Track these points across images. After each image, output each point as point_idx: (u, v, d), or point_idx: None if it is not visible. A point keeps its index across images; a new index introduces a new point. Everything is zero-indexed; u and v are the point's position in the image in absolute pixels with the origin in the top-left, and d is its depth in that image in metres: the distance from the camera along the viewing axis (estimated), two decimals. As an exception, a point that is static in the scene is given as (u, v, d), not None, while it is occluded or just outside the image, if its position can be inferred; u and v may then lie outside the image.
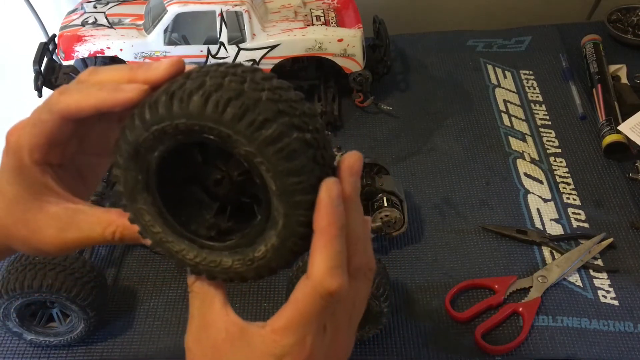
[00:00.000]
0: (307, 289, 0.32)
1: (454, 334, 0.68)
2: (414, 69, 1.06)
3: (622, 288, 0.72)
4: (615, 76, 0.99)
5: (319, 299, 0.32)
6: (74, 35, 0.89)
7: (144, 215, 0.34)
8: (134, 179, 0.34)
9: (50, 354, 0.68)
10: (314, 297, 0.32)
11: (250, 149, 0.30)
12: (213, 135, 0.30)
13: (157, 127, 0.31)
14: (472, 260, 0.76)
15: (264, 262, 0.34)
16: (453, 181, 0.86)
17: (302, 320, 0.33)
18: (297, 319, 0.33)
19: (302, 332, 0.33)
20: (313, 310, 0.33)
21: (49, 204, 0.37)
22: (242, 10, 0.86)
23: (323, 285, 0.32)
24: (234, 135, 0.30)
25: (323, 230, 0.31)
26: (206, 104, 0.30)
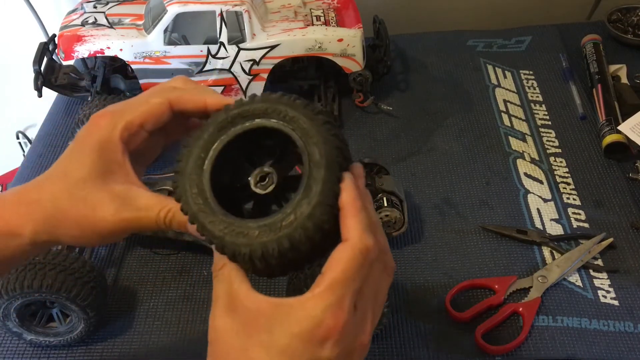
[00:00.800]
0: (346, 249, 0.36)
1: (454, 334, 0.68)
2: (414, 69, 1.06)
3: (622, 288, 0.72)
4: (615, 76, 0.99)
5: (359, 255, 0.35)
6: (74, 35, 0.89)
7: (193, 187, 0.39)
8: (196, 155, 0.39)
9: (50, 354, 0.68)
10: (353, 254, 0.35)
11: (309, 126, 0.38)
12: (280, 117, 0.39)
13: (237, 110, 0.39)
14: (472, 260, 0.76)
15: (289, 231, 0.36)
16: (453, 181, 0.86)
17: (343, 278, 0.35)
18: (338, 278, 0.35)
19: (342, 292, 0.35)
20: (353, 267, 0.35)
21: (114, 183, 0.41)
22: (242, 10, 0.86)
23: (361, 241, 0.36)
24: (299, 115, 0.38)
25: (352, 203, 0.36)
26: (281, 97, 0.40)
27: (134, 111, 0.42)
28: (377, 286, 0.39)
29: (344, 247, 0.36)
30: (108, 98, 0.84)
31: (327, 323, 0.35)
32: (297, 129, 0.38)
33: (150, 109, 0.42)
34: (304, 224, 0.36)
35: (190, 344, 0.68)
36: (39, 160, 0.92)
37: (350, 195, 0.37)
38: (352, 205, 0.36)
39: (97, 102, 0.84)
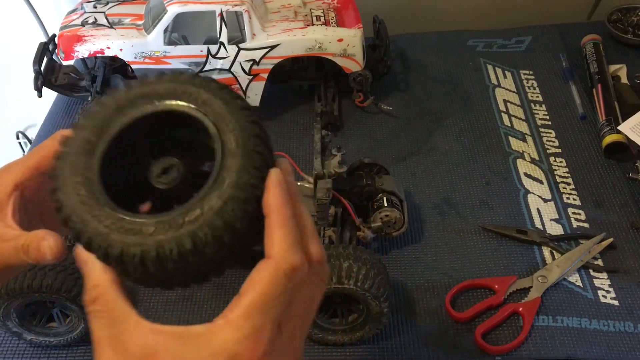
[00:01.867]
0: (268, 268, 0.31)
1: (454, 334, 0.68)
2: (414, 69, 1.06)
3: (622, 288, 0.72)
4: (615, 76, 0.99)
5: (282, 277, 0.31)
6: (74, 35, 0.89)
7: (76, 175, 0.33)
8: (84, 139, 0.34)
9: (50, 354, 0.68)
10: (276, 276, 0.31)
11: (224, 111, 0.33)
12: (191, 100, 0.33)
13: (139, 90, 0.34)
14: (472, 260, 0.75)
15: (192, 228, 0.30)
16: (453, 181, 0.86)
17: (261, 304, 0.30)
18: (256, 304, 0.30)
19: (261, 321, 0.30)
20: (275, 291, 0.31)
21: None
22: (242, 10, 0.86)
23: (286, 261, 0.31)
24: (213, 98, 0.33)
25: (278, 210, 0.31)
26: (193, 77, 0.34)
27: (28, 157, 0.41)
28: (309, 301, 0.34)
29: (266, 266, 0.31)
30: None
31: (246, 357, 0.30)
32: (210, 113, 0.33)
33: (42, 151, 0.41)
34: (212, 221, 0.30)
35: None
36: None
37: (277, 200, 0.32)
38: (278, 212, 0.31)
39: (97, 102, 0.83)
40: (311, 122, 0.96)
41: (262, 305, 0.30)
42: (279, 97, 0.99)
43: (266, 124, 1.01)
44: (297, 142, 0.93)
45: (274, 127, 0.96)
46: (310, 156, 0.88)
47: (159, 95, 0.34)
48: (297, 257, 0.31)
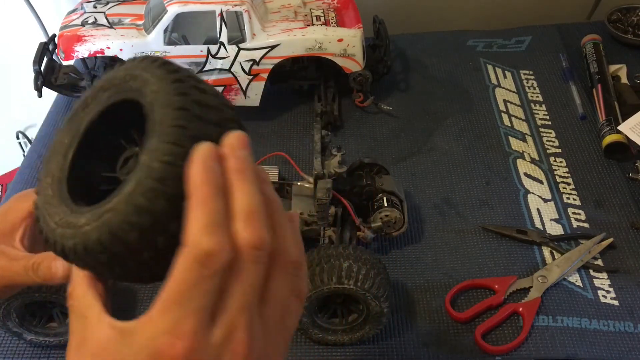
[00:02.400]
0: (182, 256, 0.28)
1: (454, 334, 0.68)
2: (414, 69, 1.06)
3: (622, 288, 0.72)
4: (615, 76, 0.99)
5: (196, 265, 0.28)
6: (74, 35, 0.89)
7: (48, 176, 0.34)
8: (59, 142, 0.34)
9: (50, 354, 0.68)
10: (190, 264, 0.28)
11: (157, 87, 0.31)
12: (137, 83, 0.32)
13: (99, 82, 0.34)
14: (472, 260, 0.75)
15: (109, 216, 0.29)
16: (453, 181, 0.86)
17: (177, 296, 0.28)
18: (172, 296, 0.28)
19: (178, 314, 0.28)
20: (190, 281, 0.28)
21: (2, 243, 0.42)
22: (242, 10, 0.86)
23: (198, 245, 0.28)
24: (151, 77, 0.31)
25: (196, 189, 0.28)
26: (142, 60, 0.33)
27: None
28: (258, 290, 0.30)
29: (181, 254, 0.28)
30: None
31: (165, 354, 0.28)
32: (149, 93, 0.31)
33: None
34: (123, 207, 0.29)
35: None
36: (39, 160, 0.92)
37: (193, 176, 0.28)
38: (193, 190, 0.28)
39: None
40: (311, 122, 0.96)
41: (178, 297, 0.28)
42: (279, 97, 0.99)
43: (266, 123, 1.02)
44: (297, 142, 0.93)
45: (274, 127, 0.96)
46: (310, 156, 0.88)
47: (114, 84, 0.33)
48: (212, 241, 0.28)
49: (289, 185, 0.76)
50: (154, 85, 0.31)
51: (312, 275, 0.61)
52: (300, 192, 0.75)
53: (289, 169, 0.82)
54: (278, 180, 0.77)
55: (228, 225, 0.29)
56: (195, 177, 0.28)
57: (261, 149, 0.91)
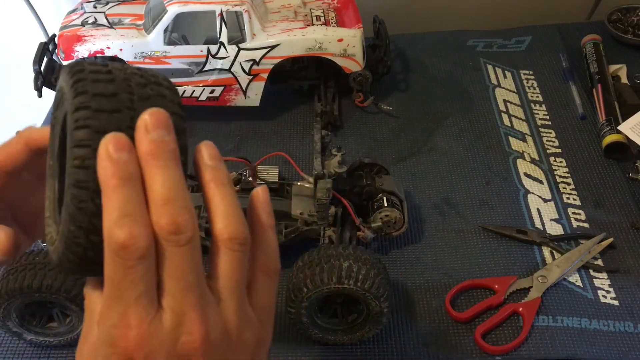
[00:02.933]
0: (105, 251, 0.29)
1: (454, 334, 0.68)
2: (414, 69, 1.06)
3: (622, 288, 0.72)
4: (615, 76, 0.99)
5: (115, 257, 0.28)
6: (74, 35, 0.89)
7: (46, 200, 0.35)
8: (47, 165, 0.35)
9: (50, 354, 0.68)
10: (110, 256, 0.29)
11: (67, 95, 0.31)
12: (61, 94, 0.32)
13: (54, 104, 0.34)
14: (472, 260, 0.75)
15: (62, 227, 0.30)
16: (453, 181, 0.86)
17: (113, 290, 0.29)
18: (109, 292, 0.30)
19: (121, 307, 0.29)
20: (117, 274, 0.29)
21: None
22: (242, 10, 0.86)
23: (112, 239, 0.28)
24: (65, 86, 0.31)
25: (104, 182, 0.28)
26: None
27: None
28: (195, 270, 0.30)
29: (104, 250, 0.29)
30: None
31: (120, 345, 0.30)
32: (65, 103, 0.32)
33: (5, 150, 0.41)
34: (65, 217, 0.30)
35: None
36: (39, 160, 0.92)
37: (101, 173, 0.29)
38: (103, 185, 0.29)
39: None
40: (311, 122, 0.96)
41: (114, 290, 0.29)
42: (279, 97, 0.99)
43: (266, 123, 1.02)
44: (297, 142, 0.93)
45: (274, 127, 0.96)
46: (310, 156, 0.88)
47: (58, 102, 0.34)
48: (123, 232, 0.28)
49: (289, 185, 0.76)
50: (67, 94, 0.31)
51: (312, 275, 0.61)
52: (300, 192, 0.75)
53: (289, 169, 0.82)
54: (278, 180, 0.77)
55: (143, 213, 0.29)
56: (102, 171, 0.28)
57: (261, 149, 0.91)
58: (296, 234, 0.72)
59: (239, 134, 0.95)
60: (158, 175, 0.29)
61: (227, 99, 0.92)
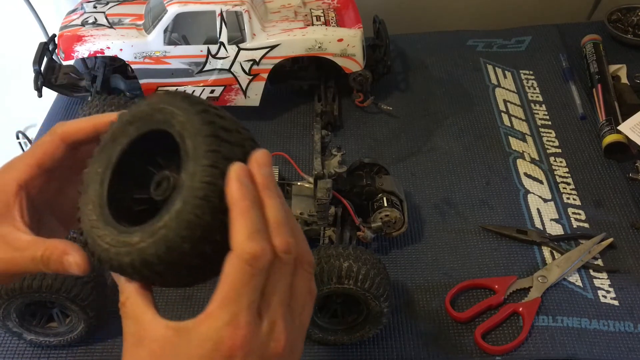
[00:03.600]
0: (232, 260, 0.33)
1: (454, 334, 0.68)
2: (414, 69, 1.06)
3: (622, 288, 0.72)
4: (615, 76, 0.99)
5: (245, 266, 0.33)
6: (74, 35, 0.89)
7: (89, 204, 0.37)
8: (94, 172, 0.38)
9: (50, 354, 0.68)
10: (239, 265, 0.33)
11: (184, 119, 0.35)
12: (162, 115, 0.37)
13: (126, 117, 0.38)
14: (472, 260, 0.76)
15: (164, 231, 0.33)
16: (453, 181, 0.86)
17: (232, 293, 0.33)
18: (227, 294, 0.33)
19: (235, 309, 0.33)
20: (241, 280, 0.33)
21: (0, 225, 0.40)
22: (242, 10, 0.86)
23: (245, 250, 0.33)
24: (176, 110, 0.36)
25: (236, 202, 0.33)
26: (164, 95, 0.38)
27: (29, 154, 0.42)
28: (289, 288, 0.36)
29: (230, 257, 0.33)
30: (108, 98, 0.84)
31: (226, 343, 0.33)
32: (176, 124, 0.36)
33: (42, 147, 0.42)
34: (176, 223, 0.33)
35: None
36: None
37: (234, 192, 0.33)
38: (235, 205, 0.33)
39: (97, 102, 0.83)
40: (311, 122, 0.96)
41: (233, 295, 0.33)
42: (279, 97, 0.99)
43: (266, 123, 1.02)
44: (297, 142, 0.93)
45: (274, 127, 0.96)
46: (310, 156, 0.88)
47: (139, 118, 0.38)
48: (257, 245, 0.33)
49: (289, 185, 0.76)
50: (181, 117, 0.35)
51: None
52: (300, 192, 0.75)
53: (289, 169, 0.82)
54: (278, 180, 0.77)
55: (267, 232, 0.34)
56: (234, 193, 0.33)
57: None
58: (296, 234, 0.72)
59: (239, 134, 0.95)
60: (273, 204, 0.35)
61: (227, 99, 0.92)
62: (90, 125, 0.42)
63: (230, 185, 0.33)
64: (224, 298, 0.33)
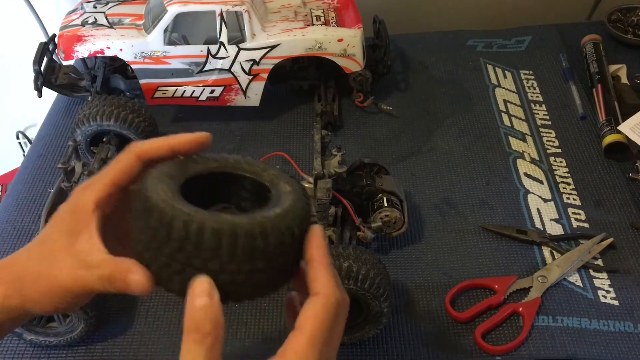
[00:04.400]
0: (320, 303, 0.37)
1: (454, 334, 0.68)
2: (414, 69, 1.06)
3: (622, 288, 0.72)
4: (615, 76, 0.99)
5: (333, 309, 0.37)
6: (74, 35, 0.89)
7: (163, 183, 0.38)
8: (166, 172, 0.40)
9: (50, 354, 0.68)
10: (328, 309, 0.37)
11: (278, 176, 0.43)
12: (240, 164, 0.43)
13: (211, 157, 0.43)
14: (472, 260, 0.76)
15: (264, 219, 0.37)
16: (453, 181, 0.86)
17: (322, 332, 0.37)
18: (318, 333, 0.37)
19: (321, 347, 0.37)
20: (329, 321, 0.37)
21: (78, 242, 0.40)
22: (242, 10, 0.86)
23: (336, 296, 0.38)
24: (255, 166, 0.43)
25: (323, 256, 0.39)
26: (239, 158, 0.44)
27: (106, 173, 0.42)
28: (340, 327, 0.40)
29: (317, 301, 0.37)
30: (108, 98, 0.84)
31: None
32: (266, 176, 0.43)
33: (119, 165, 0.43)
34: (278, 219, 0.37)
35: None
36: (39, 160, 0.92)
37: (322, 247, 0.38)
38: (323, 257, 0.38)
39: (97, 102, 0.84)
40: (311, 122, 0.96)
41: (322, 334, 0.37)
42: (279, 97, 0.99)
43: (266, 123, 1.02)
44: (297, 142, 0.93)
45: (274, 127, 0.96)
46: (310, 156, 0.88)
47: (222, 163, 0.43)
48: (344, 294, 0.39)
49: (289, 185, 0.76)
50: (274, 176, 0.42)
51: None
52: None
53: (289, 169, 0.82)
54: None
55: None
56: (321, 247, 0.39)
57: (261, 149, 0.91)
58: (296, 234, 0.72)
59: (239, 134, 0.95)
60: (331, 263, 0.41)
61: (227, 99, 0.92)
62: (167, 144, 0.43)
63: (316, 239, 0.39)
64: (313, 337, 0.36)
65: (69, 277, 0.40)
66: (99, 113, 0.81)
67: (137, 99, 0.91)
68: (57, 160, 0.91)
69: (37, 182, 0.88)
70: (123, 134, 0.83)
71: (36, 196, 0.86)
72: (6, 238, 0.80)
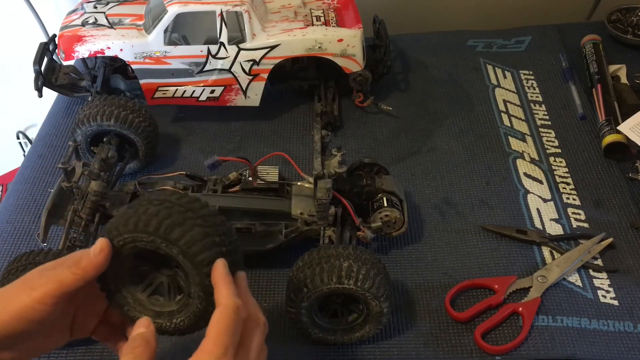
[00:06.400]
0: (221, 310, 0.46)
1: (454, 334, 0.68)
2: (414, 69, 1.06)
3: (622, 288, 0.72)
4: (615, 76, 0.99)
5: (232, 313, 0.45)
6: (74, 35, 0.89)
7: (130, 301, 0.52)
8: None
9: (50, 353, 0.68)
10: (228, 313, 0.45)
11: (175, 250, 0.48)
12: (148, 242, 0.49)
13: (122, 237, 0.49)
14: (472, 260, 0.76)
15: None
16: (453, 181, 0.86)
17: (225, 332, 0.44)
18: (221, 333, 0.44)
19: (226, 342, 0.44)
20: (231, 322, 0.45)
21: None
22: (242, 10, 0.86)
23: (234, 302, 0.46)
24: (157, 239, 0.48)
25: (223, 279, 0.47)
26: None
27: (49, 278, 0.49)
28: (253, 337, 0.48)
29: (218, 310, 0.46)
30: (108, 98, 0.84)
31: None
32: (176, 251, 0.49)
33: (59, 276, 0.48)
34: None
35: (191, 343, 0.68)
36: (39, 160, 0.92)
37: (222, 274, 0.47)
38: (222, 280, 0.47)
39: (98, 102, 0.84)
40: (311, 122, 0.96)
41: (225, 333, 0.44)
42: (279, 97, 0.99)
43: (266, 123, 1.01)
44: (297, 142, 0.93)
45: (274, 127, 0.96)
46: (310, 156, 0.88)
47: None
48: (239, 300, 0.46)
49: (289, 185, 0.76)
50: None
51: (312, 275, 0.61)
52: (300, 192, 0.75)
53: (289, 169, 0.82)
54: (278, 180, 0.77)
55: None
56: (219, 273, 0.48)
57: (261, 149, 0.91)
58: (296, 234, 0.72)
59: (239, 134, 0.95)
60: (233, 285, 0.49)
61: (227, 99, 0.92)
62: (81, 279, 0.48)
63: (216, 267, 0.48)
64: (216, 337, 0.44)
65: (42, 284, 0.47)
66: (99, 113, 0.81)
67: (137, 99, 0.91)
68: (58, 160, 0.91)
69: (38, 182, 0.88)
70: (123, 134, 0.83)
71: (36, 196, 0.86)
72: (6, 238, 0.80)
